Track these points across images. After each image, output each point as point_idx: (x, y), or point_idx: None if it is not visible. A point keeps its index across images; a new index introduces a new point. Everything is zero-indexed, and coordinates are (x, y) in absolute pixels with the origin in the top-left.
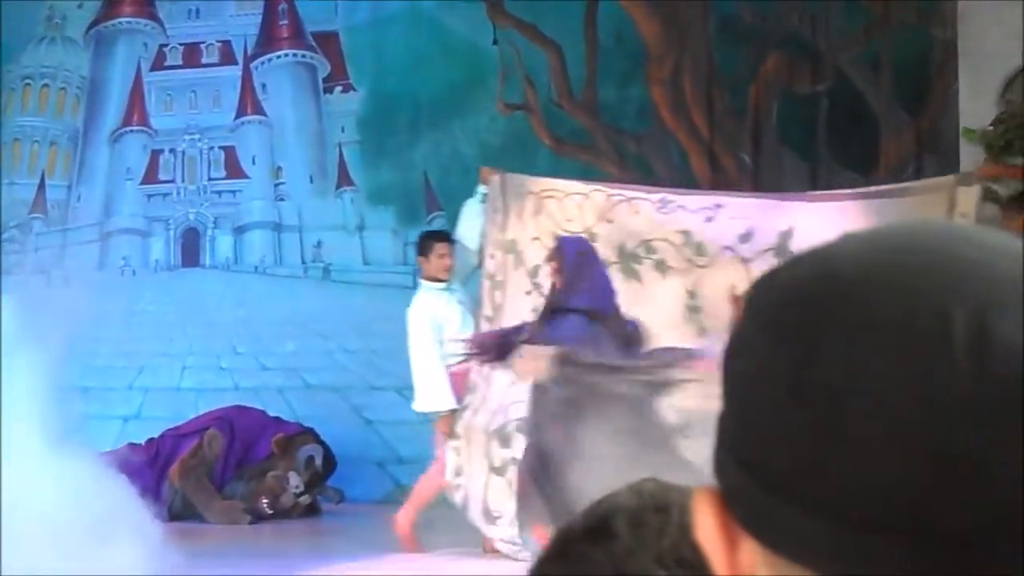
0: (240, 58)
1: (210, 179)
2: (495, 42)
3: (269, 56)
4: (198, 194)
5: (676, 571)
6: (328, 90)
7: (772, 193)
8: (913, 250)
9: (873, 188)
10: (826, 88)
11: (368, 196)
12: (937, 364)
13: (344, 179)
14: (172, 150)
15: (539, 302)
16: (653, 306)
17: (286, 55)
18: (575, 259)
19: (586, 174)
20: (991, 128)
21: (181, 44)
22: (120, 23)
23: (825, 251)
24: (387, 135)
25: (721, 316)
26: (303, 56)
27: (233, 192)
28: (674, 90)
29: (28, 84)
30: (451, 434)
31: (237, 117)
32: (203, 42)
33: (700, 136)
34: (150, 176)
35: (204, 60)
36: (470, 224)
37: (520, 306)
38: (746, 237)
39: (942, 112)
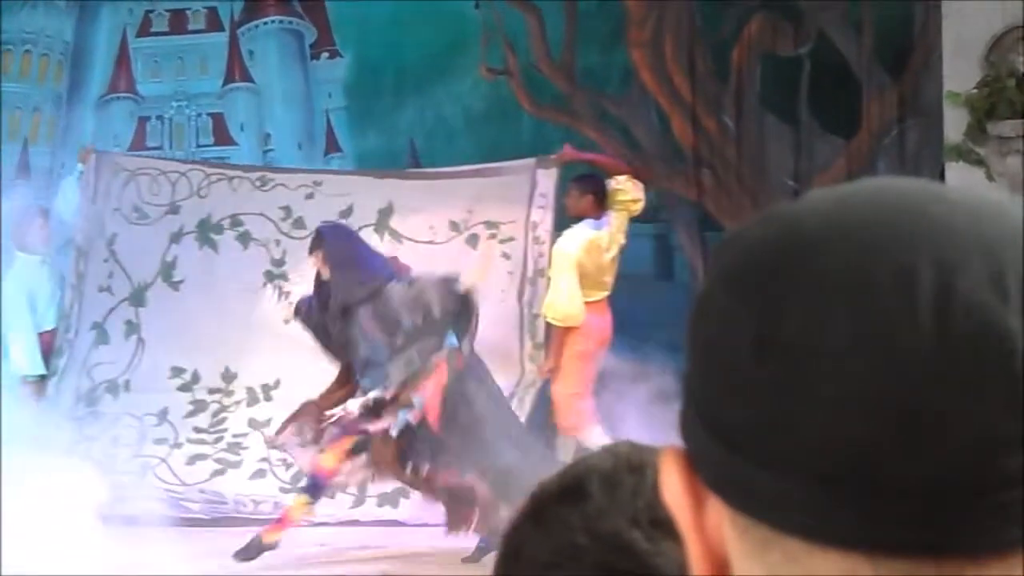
0: (227, 24)
1: (198, 146)
2: (477, 6)
3: (256, 22)
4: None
5: (650, 531)
6: (315, 56)
7: (370, 170)
8: (877, 207)
9: (464, 168)
10: (809, 50)
11: (355, 162)
12: (899, 321)
13: (332, 145)
14: (159, 117)
15: (114, 268)
16: (228, 270)
17: (272, 21)
18: (339, 246)
19: (566, 137)
20: (975, 91)
21: (167, 10)
22: None
23: (790, 209)
24: (373, 100)
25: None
26: (289, 22)
27: (221, 158)
28: (655, 53)
29: (9, 49)
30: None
31: (225, 84)
32: (189, 8)
33: (681, 99)
34: (137, 143)
35: (190, 26)
36: (67, 199)
37: (99, 271)
38: (346, 213)
39: (925, 75)
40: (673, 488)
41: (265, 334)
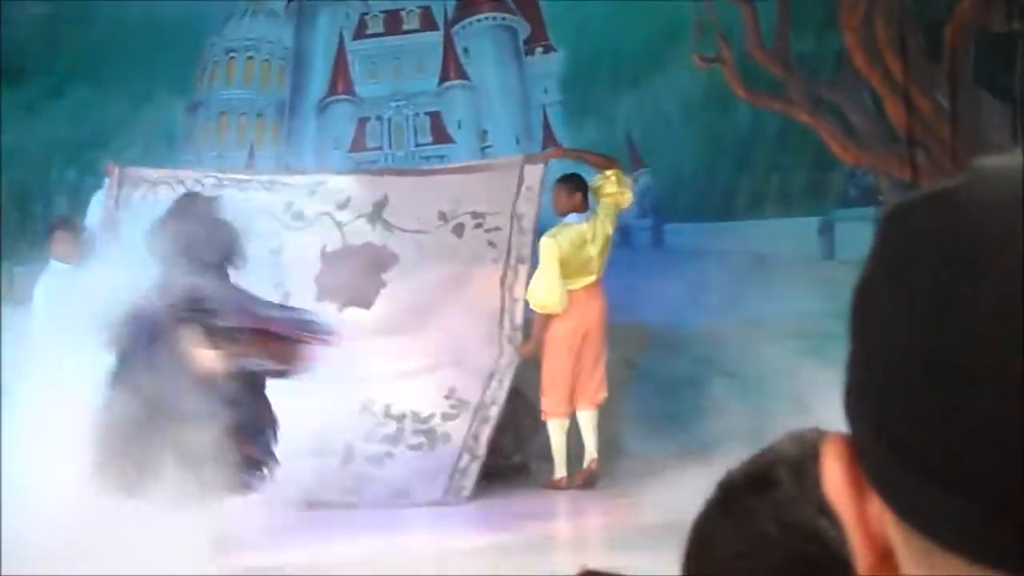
0: (441, 23)
1: (417, 145)
2: None
3: (469, 20)
4: (406, 160)
5: (838, 519)
6: (529, 52)
7: (369, 170)
8: None
9: (456, 165)
10: None
11: None
12: None
13: (549, 139)
14: (379, 117)
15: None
16: None
17: (486, 18)
18: (196, 210)
19: (782, 124)
20: None
21: (382, 12)
22: None
23: (959, 196)
24: (588, 94)
25: (307, 270)
26: (503, 19)
27: (441, 157)
28: (867, 35)
29: (232, 57)
30: None
31: (441, 82)
32: (403, 9)
33: (894, 80)
34: (358, 144)
35: (405, 27)
36: (95, 212)
37: None
38: (343, 204)
39: None
40: (834, 479)
41: None
